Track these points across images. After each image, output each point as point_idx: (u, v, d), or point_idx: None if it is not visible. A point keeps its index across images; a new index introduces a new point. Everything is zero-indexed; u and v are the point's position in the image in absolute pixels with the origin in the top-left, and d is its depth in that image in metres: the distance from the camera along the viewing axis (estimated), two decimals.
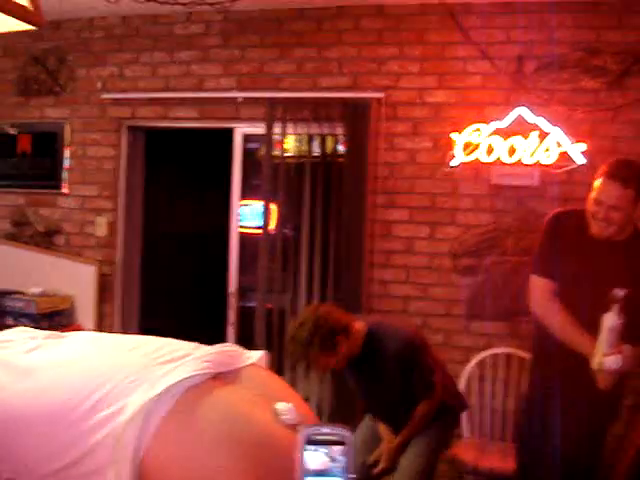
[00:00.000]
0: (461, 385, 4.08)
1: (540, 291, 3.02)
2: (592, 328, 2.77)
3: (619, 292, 2.68)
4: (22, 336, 1.69)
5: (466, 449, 3.89)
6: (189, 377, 1.44)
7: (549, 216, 3.12)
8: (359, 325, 3.23)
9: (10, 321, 4.65)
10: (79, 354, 1.61)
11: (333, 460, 1.02)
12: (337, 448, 1.02)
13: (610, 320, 2.71)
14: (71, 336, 1.73)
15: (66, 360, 1.58)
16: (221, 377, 1.54)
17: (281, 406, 1.50)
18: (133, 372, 1.48)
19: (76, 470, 1.40)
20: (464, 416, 4.06)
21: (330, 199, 4.45)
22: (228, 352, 1.64)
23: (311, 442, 1.02)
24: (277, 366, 4.41)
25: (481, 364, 4.12)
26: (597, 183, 2.89)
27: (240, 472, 1.36)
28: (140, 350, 1.59)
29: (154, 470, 1.36)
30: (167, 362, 1.51)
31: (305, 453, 1.02)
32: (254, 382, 1.58)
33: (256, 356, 1.69)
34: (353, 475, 1.03)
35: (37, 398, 1.46)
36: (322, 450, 1.02)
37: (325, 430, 1.03)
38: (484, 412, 4.11)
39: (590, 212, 2.92)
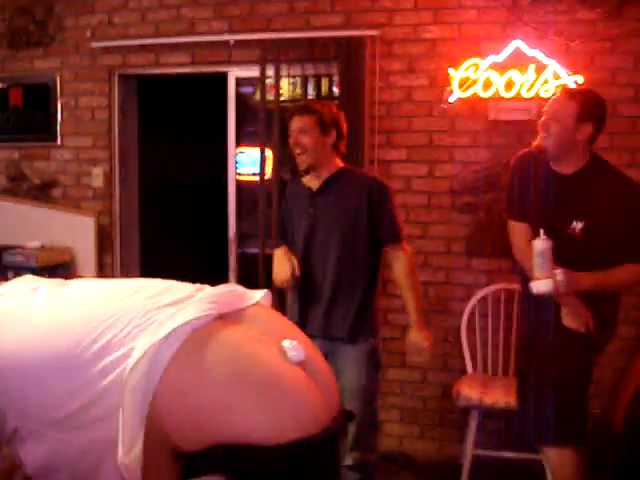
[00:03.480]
0: (463, 321, 4.09)
1: (519, 236, 3.05)
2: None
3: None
4: (24, 285, 1.67)
5: (470, 385, 3.92)
6: (194, 318, 1.43)
7: (514, 157, 3.13)
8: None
9: (11, 276, 4.64)
10: (83, 298, 1.59)
11: None
12: None
13: (539, 245, 2.77)
14: (73, 282, 1.71)
15: (70, 305, 1.56)
16: (226, 317, 1.52)
17: (287, 343, 1.49)
18: (138, 315, 1.46)
19: (84, 417, 1.40)
20: (467, 352, 4.10)
21: None
22: (232, 292, 1.63)
23: None
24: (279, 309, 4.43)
25: (483, 301, 4.12)
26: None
27: (248, 410, 1.36)
28: (143, 293, 1.57)
29: (163, 412, 1.36)
30: (171, 304, 1.50)
31: None
32: (259, 321, 1.57)
33: (259, 295, 1.67)
34: None
35: (41, 344, 1.44)
36: None
37: None
38: (486, 348, 4.12)
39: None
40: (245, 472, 1.35)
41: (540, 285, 2.78)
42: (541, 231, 2.77)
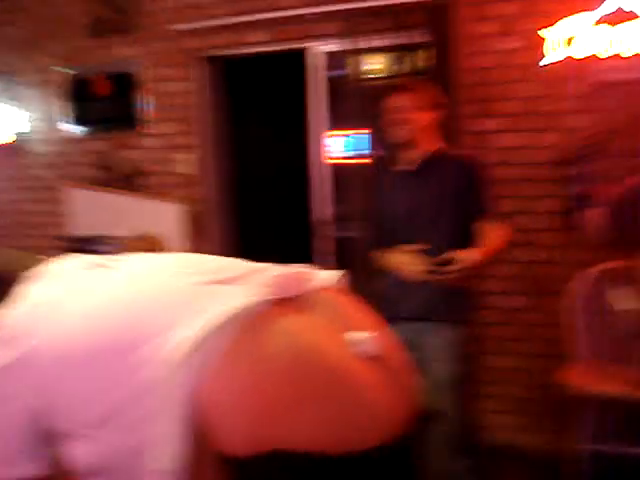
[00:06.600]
0: (577, 303, 3.73)
1: None
2: None
3: None
4: (74, 263, 1.51)
5: (582, 373, 3.58)
6: (247, 304, 1.23)
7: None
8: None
9: None
10: (126, 278, 1.41)
11: None
12: None
13: None
14: (127, 259, 1.53)
15: (110, 287, 1.39)
16: (287, 303, 1.31)
17: (358, 336, 1.27)
18: (184, 297, 1.27)
19: (123, 417, 1.22)
20: (578, 336, 3.74)
21: None
22: (296, 274, 1.40)
23: None
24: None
25: (596, 280, 3.74)
26: None
27: (307, 407, 1.16)
28: (194, 270, 1.37)
29: (208, 412, 1.17)
30: (223, 284, 1.30)
31: None
32: (327, 308, 1.35)
33: (332, 278, 1.44)
34: None
35: (78, 334, 1.27)
36: None
37: None
38: (600, 332, 3.75)
39: None
40: None
41: None
42: None
